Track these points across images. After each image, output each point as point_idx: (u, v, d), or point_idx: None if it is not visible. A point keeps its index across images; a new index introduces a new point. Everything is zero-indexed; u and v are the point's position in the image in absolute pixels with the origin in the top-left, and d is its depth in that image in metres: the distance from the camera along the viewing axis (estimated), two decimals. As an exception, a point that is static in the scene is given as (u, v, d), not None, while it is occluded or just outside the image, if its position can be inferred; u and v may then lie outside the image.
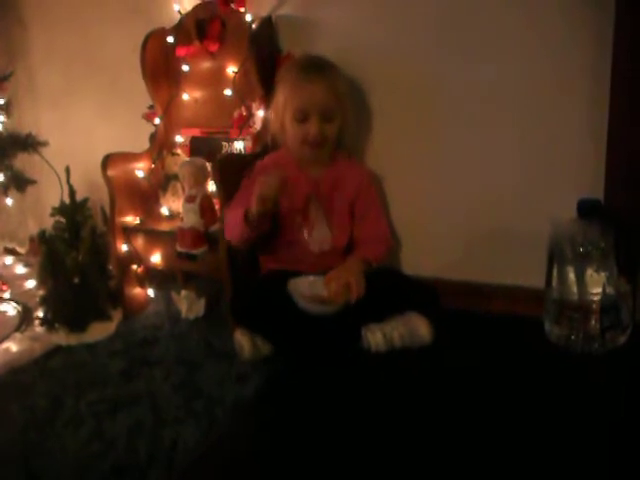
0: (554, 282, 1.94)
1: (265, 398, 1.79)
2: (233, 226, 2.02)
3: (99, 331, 2.23)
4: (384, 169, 2.29)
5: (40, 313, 2.29)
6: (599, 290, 1.87)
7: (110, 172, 2.34)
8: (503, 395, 1.70)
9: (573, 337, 1.90)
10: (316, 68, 2.07)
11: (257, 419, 1.71)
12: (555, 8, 1.95)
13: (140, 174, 2.48)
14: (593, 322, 1.87)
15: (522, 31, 2.01)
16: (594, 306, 1.87)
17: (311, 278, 2.01)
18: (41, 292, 2.27)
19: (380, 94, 2.25)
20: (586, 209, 1.90)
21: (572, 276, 1.89)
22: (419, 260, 2.32)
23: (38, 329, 2.27)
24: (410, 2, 2.14)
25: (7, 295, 2.62)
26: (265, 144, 2.25)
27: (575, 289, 1.89)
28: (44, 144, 2.58)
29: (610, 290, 1.87)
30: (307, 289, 1.97)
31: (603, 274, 1.86)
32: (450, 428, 1.57)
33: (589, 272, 1.87)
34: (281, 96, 2.09)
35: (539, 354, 1.91)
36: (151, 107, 2.55)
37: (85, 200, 2.26)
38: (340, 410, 1.69)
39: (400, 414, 1.65)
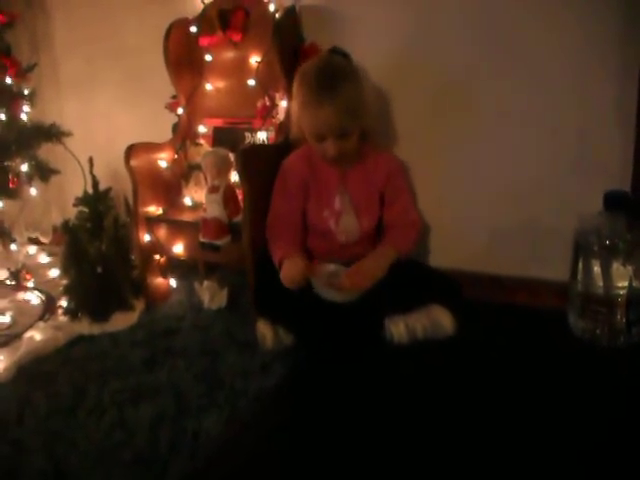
0: (579, 275, 1.92)
1: (287, 389, 1.79)
2: (274, 259, 2.03)
3: (122, 321, 2.24)
4: (410, 161, 2.28)
5: (63, 302, 2.31)
6: (625, 284, 1.85)
7: (133, 162, 2.34)
8: (526, 388, 1.69)
9: (598, 331, 1.88)
10: (327, 87, 1.94)
11: (279, 409, 1.71)
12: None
13: (163, 164, 2.48)
14: (619, 316, 1.86)
15: (547, 23, 2.00)
16: (620, 300, 1.86)
17: (332, 267, 2.01)
18: (64, 281, 2.28)
19: (405, 86, 2.25)
20: (613, 202, 1.87)
21: (598, 269, 1.88)
22: (443, 252, 2.32)
23: (61, 318, 2.28)
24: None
25: (31, 284, 2.64)
26: (288, 135, 2.24)
27: (601, 282, 1.87)
28: (68, 134, 2.59)
29: (637, 284, 1.85)
30: (327, 276, 1.97)
31: (629, 267, 1.85)
32: (472, 420, 1.57)
33: (615, 265, 1.85)
34: (296, 110, 2.04)
35: (563, 347, 1.90)
36: (174, 97, 2.55)
37: (108, 190, 2.27)
38: (362, 401, 1.69)
39: (422, 405, 1.65)
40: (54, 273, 2.71)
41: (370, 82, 2.21)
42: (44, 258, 2.96)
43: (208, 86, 2.52)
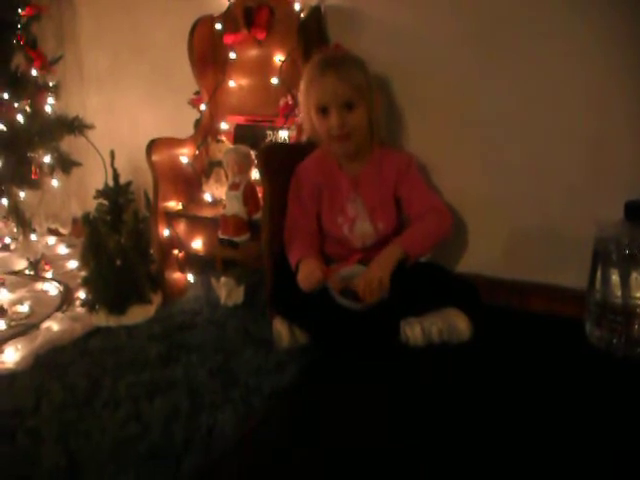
0: (597, 284, 1.91)
1: (301, 387, 1.79)
2: (291, 262, 2.05)
3: (138, 314, 2.25)
4: (426, 166, 2.27)
5: (81, 294, 2.33)
6: (644, 294, 1.84)
7: (154, 157, 2.35)
8: (540, 395, 1.68)
9: (615, 341, 1.87)
10: (331, 63, 2.03)
11: (293, 407, 1.72)
12: (604, 5, 1.92)
13: (184, 160, 2.49)
14: (636, 326, 1.85)
15: (570, 30, 1.98)
16: (638, 310, 1.84)
17: (346, 270, 2.02)
18: (83, 273, 2.30)
19: (425, 89, 2.24)
20: (634, 211, 1.86)
21: (616, 278, 1.86)
22: (460, 256, 2.31)
23: (79, 309, 2.30)
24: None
25: (50, 275, 2.67)
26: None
27: (619, 292, 1.86)
28: (90, 127, 2.61)
29: (655, 294, 1.84)
30: (341, 280, 1.97)
31: (649, 278, 1.84)
32: (485, 424, 1.56)
33: (634, 275, 1.84)
34: (304, 95, 2.09)
35: (579, 356, 1.89)
36: (197, 93, 2.56)
37: (128, 184, 2.28)
38: (376, 400, 1.70)
39: (435, 408, 1.65)
40: (73, 264, 2.74)
41: (389, 82, 2.26)
42: (63, 249, 2.99)
43: (231, 83, 2.53)
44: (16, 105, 2.51)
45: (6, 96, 2.47)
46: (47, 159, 2.63)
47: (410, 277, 1.97)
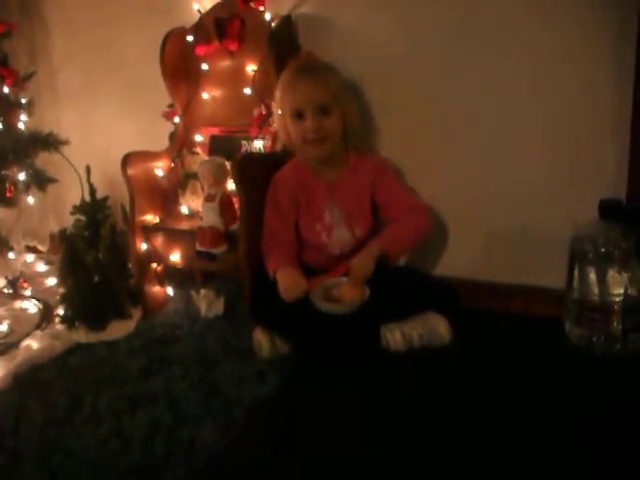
0: (575, 283, 1.92)
1: (283, 397, 1.79)
2: (269, 272, 2.07)
3: (118, 329, 2.24)
4: (401, 171, 2.27)
5: (60, 311, 2.31)
6: (621, 291, 1.85)
7: (130, 171, 2.34)
8: (521, 395, 1.69)
9: (594, 338, 1.88)
10: (307, 69, 2.08)
11: (275, 418, 1.71)
12: (577, 7, 1.94)
13: (160, 173, 2.48)
14: (615, 323, 1.86)
15: (544, 31, 2.00)
16: (615, 307, 1.86)
17: (328, 283, 2.02)
18: (62, 290, 2.28)
19: (396, 93, 2.25)
20: (608, 209, 1.88)
21: (593, 277, 1.88)
22: (439, 259, 2.32)
23: (58, 327, 2.28)
24: (428, 4, 2.14)
25: (28, 292, 2.65)
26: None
27: (596, 290, 1.88)
28: (65, 143, 2.58)
29: (632, 291, 1.85)
30: (322, 290, 1.98)
31: (625, 275, 1.85)
32: (467, 427, 1.57)
33: (611, 273, 1.85)
34: (279, 100, 2.11)
35: (559, 355, 1.90)
36: (171, 106, 2.55)
37: (105, 198, 2.27)
38: (358, 409, 1.69)
39: (418, 414, 1.64)
40: (51, 281, 2.72)
41: (359, 89, 2.26)
42: (41, 266, 2.97)
43: (204, 95, 2.52)
44: (-11, 123, 2.51)
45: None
46: (22, 176, 2.61)
47: (390, 282, 1.97)
